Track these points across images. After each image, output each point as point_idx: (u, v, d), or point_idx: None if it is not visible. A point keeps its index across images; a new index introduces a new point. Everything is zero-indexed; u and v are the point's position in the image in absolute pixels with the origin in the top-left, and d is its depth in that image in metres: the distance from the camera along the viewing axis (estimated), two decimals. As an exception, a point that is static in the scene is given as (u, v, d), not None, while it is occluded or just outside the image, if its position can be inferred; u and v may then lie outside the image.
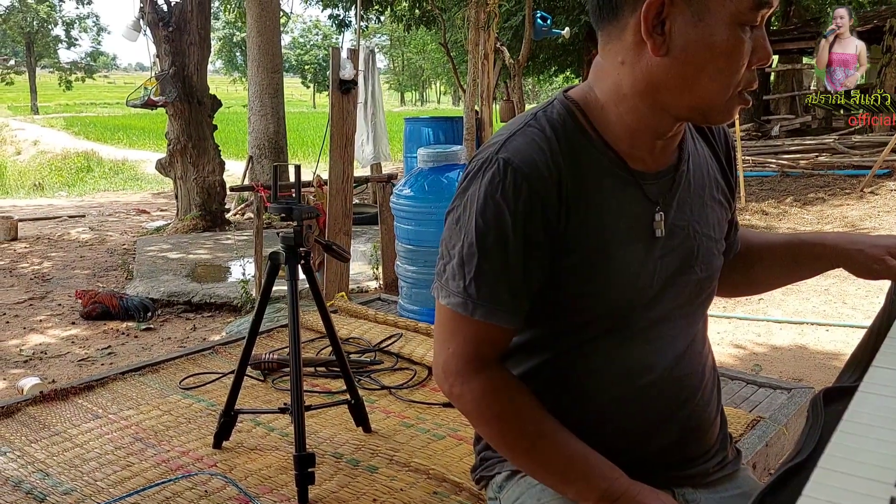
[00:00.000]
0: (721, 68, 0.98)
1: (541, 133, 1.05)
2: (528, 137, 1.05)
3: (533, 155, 1.03)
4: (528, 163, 1.02)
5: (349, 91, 4.28)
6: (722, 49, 0.97)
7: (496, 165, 1.03)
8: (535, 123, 1.07)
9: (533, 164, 1.02)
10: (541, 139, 1.05)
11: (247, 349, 1.94)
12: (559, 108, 1.09)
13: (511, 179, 1.02)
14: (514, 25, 15.67)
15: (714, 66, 0.98)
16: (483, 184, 1.03)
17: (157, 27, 7.73)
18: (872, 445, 0.72)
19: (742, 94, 1.01)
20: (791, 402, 2.26)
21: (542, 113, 1.09)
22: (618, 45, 1.03)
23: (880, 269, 1.19)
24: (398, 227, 3.54)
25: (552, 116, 1.08)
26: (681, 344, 1.15)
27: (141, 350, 4.39)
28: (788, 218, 8.03)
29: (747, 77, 1.00)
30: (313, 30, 60.00)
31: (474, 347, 1.08)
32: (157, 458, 1.92)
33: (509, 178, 1.02)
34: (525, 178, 1.02)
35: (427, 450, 1.99)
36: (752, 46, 0.98)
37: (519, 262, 1.03)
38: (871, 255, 1.21)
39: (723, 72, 0.99)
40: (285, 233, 1.85)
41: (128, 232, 8.62)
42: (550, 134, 1.05)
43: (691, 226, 1.13)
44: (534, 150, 1.04)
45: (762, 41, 0.99)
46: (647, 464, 1.14)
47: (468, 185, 1.06)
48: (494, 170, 1.03)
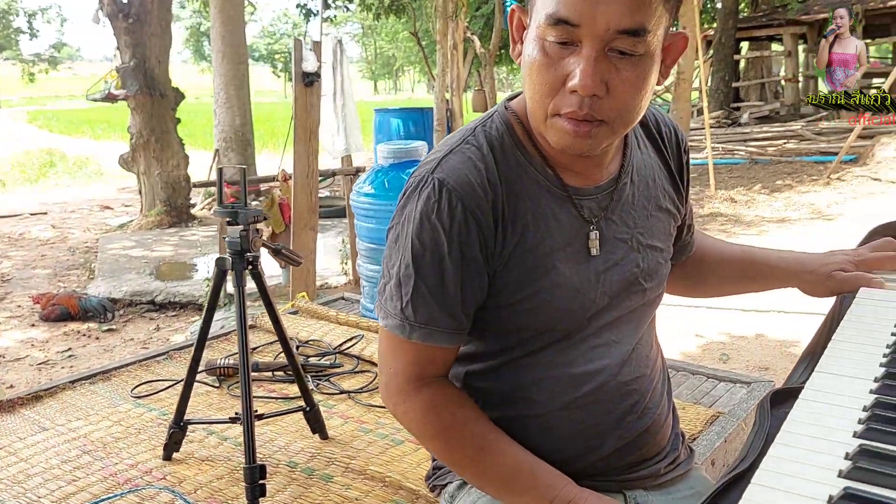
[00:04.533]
0: (529, 85, 0.97)
1: (478, 151, 1.04)
2: (465, 156, 1.03)
3: (468, 175, 1.01)
4: (463, 183, 1.01)
5: (312, 84, 4.23)
6: (528, 64, 0.97)
7: (431, 186, 1.01)
8: (473, 140, 1.05)
9: (468, 185, 1.01)
10: (477, 158, 1.03)
11: (195, 357, 1.89)
12: (498, 123, 1.07)
13: (446, 200, 1.00)
14: (486, 14, 15.65)
15: (526, 81, 0.98)
16: (419, 204, 1.02)
17: (116, 19, 7.59)
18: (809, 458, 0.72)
19: (562, 117, 0.96)
20: (751, 396, 2.26)
21: (480, 128, 1.07)
22: None
23: (832, 285, 1.22)
24: (359, 224, 3.49)
25: (490, 132, 1.06)
26: (626, 348, 1.14)
27: (102, 352, 4.32)
28: (757, 205, 8.09)
29: (557, 101, 0.95)
30: (283, 18, 59.43)
31: (415, 367, 1.08)
32: (105, 471, 1.87)
33: (444, 199, 1.00)
34: (460, 199, 1.00)
35: (385, 456, 1.96)
36: (568, 70, 0.93)
37: (456, 284, 1.02)
38: (822, 275, 1.24)
39: (530, 88, 0.97)
40: (231, 238, 1.80)
41: (91, 229, 8.48)
42: (487, 152, 1.04)
43: (635, 238, 1.12)
44: (469, 169, 1.02)
45: (578, 65, 0.92)
46: (598, 469, 1.15)
47: (405, 203, 1.05)
48: (430, 190, 1.01)
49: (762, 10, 17.66)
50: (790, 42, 15.96)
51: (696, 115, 12.30)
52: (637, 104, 0.96)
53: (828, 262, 1.25)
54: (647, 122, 1.19)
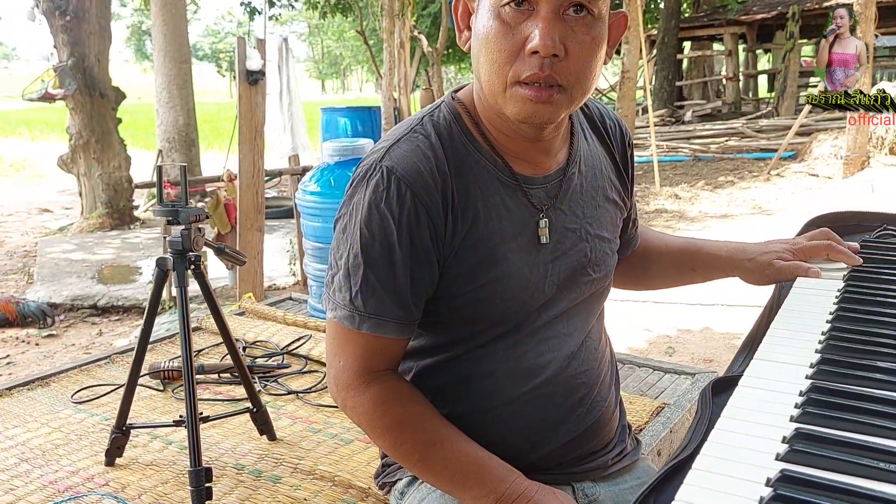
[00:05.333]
0: (486, 57, 0.98)
1: (426, 140, 1.03)
2: (413, 144, 1.03)
3: (417, 163, 1.01)
4: (412, 171, 1.00)
5: (257, 82, 4.18)
6: (483, 37, 0.97)
7: (380, 174, 1.00)
8: (421, 129, 1.05)
9: (417, 173, 1.00)
10: (426, 146, 1.03)
11: (137, 360, 1.85)
12: (446, 113, 1.07)
13: (395, 189, 0.99)
14: (433, 13, 15.66)
15: (482, 55, 0.98)
16: (367, 193, 1.01)
17: (53, 16, 7.38)
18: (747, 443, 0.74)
19: (523, 85, 0.96)
20: (695, 387, 2.31)
21: (428, 118, 1.07)
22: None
23: (770, 273, 1.25)
24: (305, 224, 3.45)
25: (438, 121, 1.06)
26: (575, 341, 1.15)
27: (43, 358, 4.20)
28: (700, 201, 8.26)
29: (517, 67, 0.96)
30: (227, 17, 58.58)
31: (364, 360, 1.06)
32: (44, 479, 1.81)
33: (393, 187, 0.99)
34: (409, 186, 0.99)
35: (334, 455, 1.94)
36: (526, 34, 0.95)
37: (406, 273, 1.02)
38: (761, 263, 1.26)
39: (487, 60, 0.98)
40: (172, 237, 1.76)
41: (29, 233, 8.24)
42: (435, 140, 1.03)
43: (583, 228, 1.13)
44: (418, 157, 1.01)
45: (536, 27, 0.94)
46: (548, 462, 1.15)
47: (353, 192, 1.04)
48: (378, 178, 1.00)
49: (703, 11, 18.05)
50: (731, 42, 16.35)
51: (640, 114, 12.50)
52: (592, 69, 0.98)
53: (766, 250, 1.27)
54: (591, 115, 1.21)
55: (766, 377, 0.87)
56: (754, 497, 0.64)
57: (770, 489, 0.65)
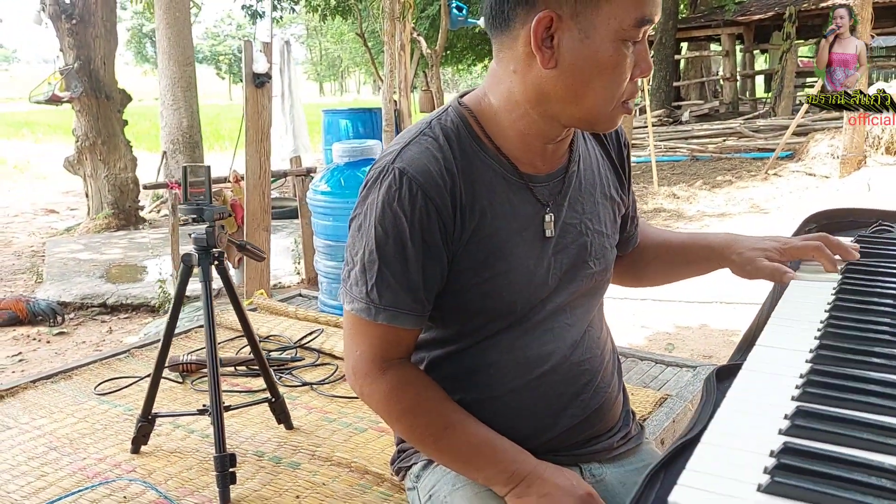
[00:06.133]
0: (606, 82, 1.03)
1: (434, 142, 1.10)
2: (423, 147, 1.10)
3: (427, 164, 1.08)
4: (423, 172, 1.07)
5: (263, 85, 4.24)
6: (607, 64, 1.02)
7: (392, 175, 1.07)
8: (430, 132, 1.12)
9: (427, 173, 1.07)
10: (435, 148, 1.09)
11: (162, 352, 1.92)
12: (453, 116, 1.14)
13: (407, 188, 1.06)
14: (431, 15, 15.69)
15: (600, 80, 1.03)
16: (381, 193, 1.08)
17: (59, 20, 7.44)
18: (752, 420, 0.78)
19: (625, 104, 1.07)
20: (696, 379, 2.38)
21: (436, 121, 1.14)
22: (510, 54, 1.07)
23: (751, 269, 1.29)
24: (316, 222, 3.54)
25: (446, 124, 1.13)
26: (577, 331, 1.21)
27: (54, 355, 4.26)
28: (698, 201, 8.33)
29: (630, 88, 1.05)
30: (227, 20, 58.56)
31: (380, 349, 1.13)
32: (73, 466, 1.89)
33: (405, 187, 1.06)
34: (420, 186, 1.06)
35: (349, 443, 2.02)
36: (635, 60, 1.04)
37: (418, 268, 1.08)
38: (746, 258, 1.30)
39: (607, 85, 1.03)
40: (197, 234, 1.84)
41: (36, 233, 8.30)
42: (444, 142, 1.10)
43: (583, 223, 1.20)
44: (428, 159, 1.08)
45: (644, 55, 1.04)
46: (554, 445, 1.21)
47: (367, 193, 1.11)
48: (391, 179, 1.07)
49: (701, 12, 18.11)
50: (728, 42, 16.41)
51: (638, 115, 12.57)
52: None
53: (756, 246, 1.31)
54: None
55: (767, 362, 0.92)
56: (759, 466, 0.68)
57: (774, 459, 0.69)
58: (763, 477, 0.67)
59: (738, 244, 1.33)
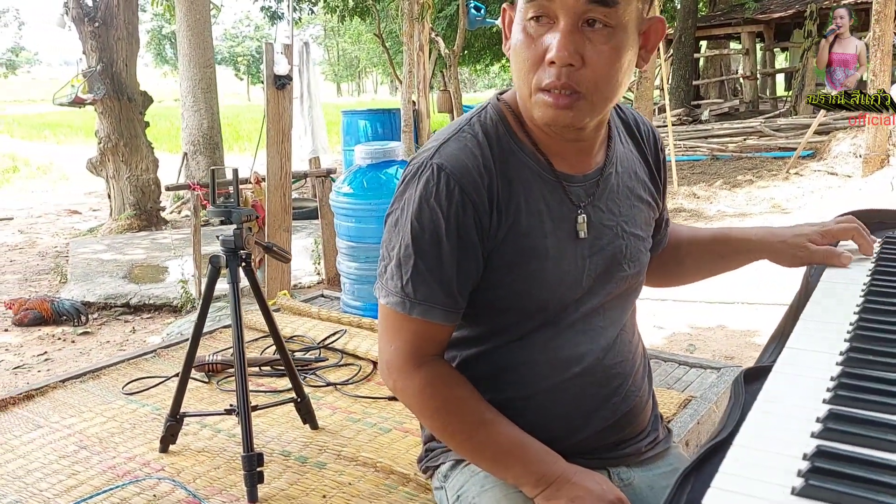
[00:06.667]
0: (515, 66, 1.08)
1: (473, 139, 1.11)
2: (462, 143, 1.11)
3: (465, 161, 1.09)
4: (461, 168, 1.08)
5: (284, 87, 4.26)
6: (512, 47, 1.08)
7: (430, 170, 1.08)
8: (469, 129, 1.13)
9: (465, 170, 1.08)
10: (473, 145, 1.10)
11: (191, 352, 1.95)
12: (492, 114, 1.15)
13: (444, 184, 1.07)
14: (449, 15, 15.67)
15: (512, 63, 1.08)
16: (418, 188, 1.09)
17: (82, 23, 7.53)
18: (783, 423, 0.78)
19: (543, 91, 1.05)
20: (720, 380, 2.37)
21: (476, 118, 1.15)
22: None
23: (803, 255, 1.29)
24: (339, 224, 3.56)
25: (485, 122, 1.14)
26: (610, 334, 1.21)
27: (79, 355, 4.31)
28: (718, 200, 8.28)
29: (539, 75, 1.05)
30: (245, 21, 58.86)
31: (414, 344, 1.14)
32: (104, 464, 1.92)
33: (442, 183, 1.07)
34: (458, 182, 1.07)
35: (374, 443, 2.03)
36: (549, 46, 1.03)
37: (453, 263, 1.09)
38: (793, 244, 1.30)
39: (516, 69, 1.08)
40: (225, 236, 1.86)
41: (59, 234, 8.39)
42: (482, 139, 1.11)
43: (619, 225, 1.20)
44: (466, 155, 1.09)
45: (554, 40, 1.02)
46: (584, 448, 1.21)
47: (405, 189, 1.12)
48: (429, 175, 1.08)
49: (720, 10, 17.98)
50: (748, 41, 16.29)
51: (657, 113, 12.52)
52: (613, 77, 1.05)
53: (799, 232, 1.31)
54: (626, 120, 1.28)
55: (797, 364, 0.92)
56: (793, 469, 0.68)
57: (807, 462, 0.69)
58: (797, 480, 0.67)
59: (780, 233, 1.33)
